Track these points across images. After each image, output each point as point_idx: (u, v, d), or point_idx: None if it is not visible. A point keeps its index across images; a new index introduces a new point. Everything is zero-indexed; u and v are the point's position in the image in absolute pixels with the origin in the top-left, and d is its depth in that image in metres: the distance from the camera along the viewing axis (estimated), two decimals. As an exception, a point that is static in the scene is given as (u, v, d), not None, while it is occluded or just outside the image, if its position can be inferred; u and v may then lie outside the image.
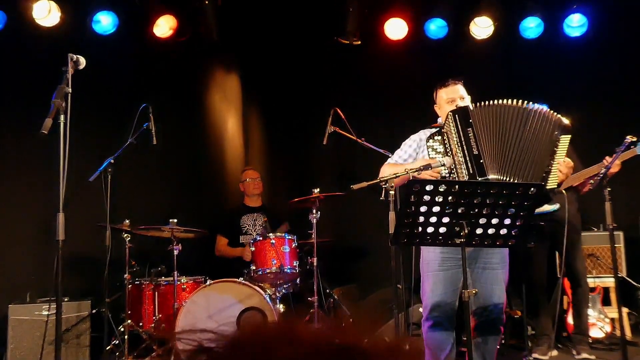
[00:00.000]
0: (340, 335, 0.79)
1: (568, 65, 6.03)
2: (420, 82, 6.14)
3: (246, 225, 5.44)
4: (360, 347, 0.76)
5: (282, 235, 4.77)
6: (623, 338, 3.54)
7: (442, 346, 3.23)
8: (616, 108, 5.92)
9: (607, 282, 5.32)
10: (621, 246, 5.44)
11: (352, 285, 5.90)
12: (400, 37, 6.10)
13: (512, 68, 6.10)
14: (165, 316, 4.55)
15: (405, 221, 2.70)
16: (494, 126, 3.18)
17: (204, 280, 4.65)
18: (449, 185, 2.65)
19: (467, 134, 3.13)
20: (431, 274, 3.27)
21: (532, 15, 5.94)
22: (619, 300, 3.67)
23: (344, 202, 5.59)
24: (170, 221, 4.48)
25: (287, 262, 4.69)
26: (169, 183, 5.96)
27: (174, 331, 0.83)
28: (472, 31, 6.00)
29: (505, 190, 2.66)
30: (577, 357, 4.57)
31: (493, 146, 3.15)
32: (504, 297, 3.23)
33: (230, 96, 6.32)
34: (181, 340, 0.79)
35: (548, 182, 3.09)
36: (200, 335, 0.78)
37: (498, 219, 2.71)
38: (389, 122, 6.28)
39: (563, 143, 3.13)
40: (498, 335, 3.30)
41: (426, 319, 3.29)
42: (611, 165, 3.67)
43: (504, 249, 3.15)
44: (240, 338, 0.79)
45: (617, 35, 5.88)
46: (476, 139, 3.13)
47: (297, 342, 0.75)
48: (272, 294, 4.55)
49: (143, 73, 5.84)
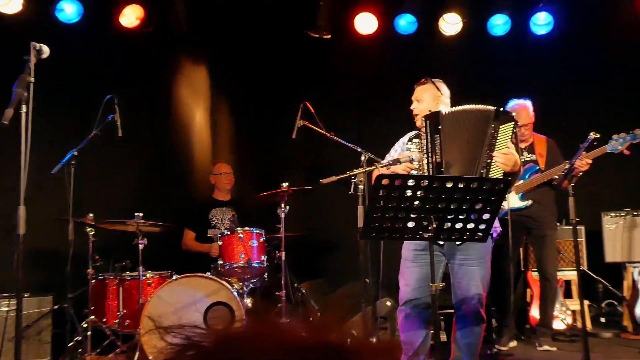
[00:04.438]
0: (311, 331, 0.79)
1: (535, 63, 6.13)
2: (390, 77, 6.19)
3: (215, 219, 5.39)
4: (333, 344, 0.76)
5: (250, 230, 4.74)
6: (584, 330, 3.62)
7: (414, 338, 3.28)
8: (581, 105, 6.04)
9: (569, 275, 5.45)
10: (582, 240, 5.57)
11: (320, 280, 5.91)
12: (370, 32, 6.11)
13: (480, 65, 6.17)
14: (130, 312, 4.48)
15: (374, 215, 2.70)
16: (457, 131, 3.22)
17: (170, 275, 4.59)
18: (418, 180, 2.66)
19: (434, 140, 3.19)
20: (407, 269, 3.34)
21: (499, 12, 6.02)
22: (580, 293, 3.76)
23: (313, 197, 5.59)
24: (136, 215, 4.41)
25: (255, 257, 4.67)
26: (135, 176, 5.86)
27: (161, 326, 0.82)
28: (441, 27, 6.06)
29: (472, 186, 2.68)
30: (539, 349, 4.68)
31: (454, 152, 3.20)
32: (481, 293, 3.26)
33: (199, 89, 6.24)
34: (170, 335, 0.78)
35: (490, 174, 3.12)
36: (189, 330, 0.77)
37: (465, 214, 2.74)
38: (358, 116, 6.30)
39: (503, 132, 3.16)
40: (479, 330, 3.33)
41: (400, 311, 3.35)
42: (575, 161, 3.74)
43: (482, 246, 3.17)
44: (231, 336, 0.78)
45: (581, 33, 6.00)
46: (441, 146, 3.18)
47: (276, 340, 0.74)
48: (240, 288, 4.53)
49: (109, 64, 5.73)
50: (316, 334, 0.77)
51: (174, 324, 0.80)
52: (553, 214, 4.82)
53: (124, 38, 5.71)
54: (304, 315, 4.83)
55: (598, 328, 5.43)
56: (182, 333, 0.77)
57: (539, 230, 4.74)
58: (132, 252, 4.50)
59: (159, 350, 0.81)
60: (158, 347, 0.82)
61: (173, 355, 0.76)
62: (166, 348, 0.77)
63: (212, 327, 0.81)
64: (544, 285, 4.81)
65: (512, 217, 4.65)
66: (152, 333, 0.81)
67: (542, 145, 4.76)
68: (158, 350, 0.85)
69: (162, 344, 0.79)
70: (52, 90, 5.15)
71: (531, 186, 4.60)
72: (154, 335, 0.82)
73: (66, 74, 5.41)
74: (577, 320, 5.16)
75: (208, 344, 0.76)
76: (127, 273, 4.63)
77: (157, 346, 0.85)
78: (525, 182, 4.61)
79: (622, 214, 5.52)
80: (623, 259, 5.48)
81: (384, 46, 6.22)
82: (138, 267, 4.41)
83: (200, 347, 0.76)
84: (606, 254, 5.55)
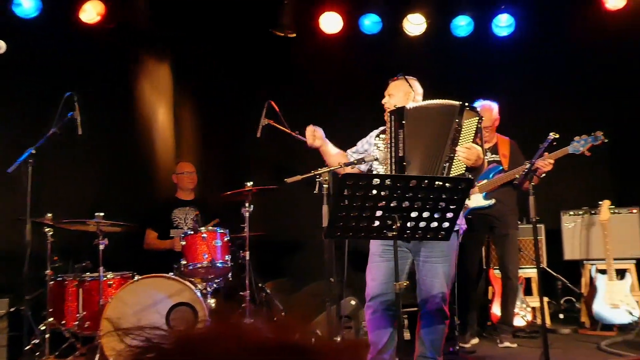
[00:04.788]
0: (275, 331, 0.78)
1: (497, 64, 6.23)
2: (355, 77, 6.22)
3: (177, 218, 5.32)
4: (297, 343, 0.76)
5: (213, 229, 4.69)
6: (544, 326, 3.69)
7: (380, 333, 3.30)
8: (542, 106, 6.17)
9: (529, 272, 5.55)
10: (542, 238, 5.68)
11: (285, 279, 5.89)
12: (335, 31, 6.12)
13: (444, 65, 6.23)
14: (90, 313, 4.38)
15: (338, 215, 2.70)
16: (421, 126, 3.25)
17: (132, 276, 4.51)
18: (382, 179, 2.67)
19: (398, 135, 3.21)
20: (373, 264, 3.35)
21: (462, 14, 6.09)
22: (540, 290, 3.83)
23: (278, 196, 5.56)
24: (96, 215, 4.32)
25: (219, 256, 4.63)
26: (95, 175, 5.74)
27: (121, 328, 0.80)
28: (405, 28, 6.10)
29: (435, 185, 2.71)
30: (500, 345, 4.76)
31: (417, 147, 3.22)
32: (445, 290, 3.29)
33: (161, 86, 6.15)
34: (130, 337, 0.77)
35: (452, 170, 3.15)
36: (149, 332, 0.76)
37: (429, 212, 2.76)
38: (323, 115, 6.28)
39: (467, 127, 3.19)
40: (442, 327, 3.36)
41: (367, 307, 3.36)
42: (535, 160, 3.80)
43: (447, 244, 3.19)
44: (191, 336, 0.77)
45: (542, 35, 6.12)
46: (404, 141, 3.19)
47: (238, 340, 0.74)
48: (203, 288, 4.48)
49: (68, 60, 5.59)
50: (279, 333, 0.77)
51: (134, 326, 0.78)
52: (515, 213, 4.90)
53: (85, 34, 5.58)
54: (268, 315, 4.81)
55: (557, 324, 5.56)
56: (141, 335, 0.75)
57: (501, 229, 4.82)
58: (93, 253, 4.41)
59: (118, 353, 0.80)
60: (117, 350, 0.81)
61: (132, 358, 0.75)
62: (125, 350, 0.75)
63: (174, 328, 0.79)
64: (505, 283, 4.88)
65: (475, 216, 4.73)
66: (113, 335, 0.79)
67: (505, 146, 4.84)
68: (117, 352, 0.83)
69: (122, 346, 0.77)
70: (9, 86, 5.02)
71: (495, 185, 4.68)
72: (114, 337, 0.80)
73: (24, 70, 5.26)
74: (537, 316, 5.26)
75: (168, 346, 0.75)
76: (87, 274, 4.53)
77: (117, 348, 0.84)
78: (489, 182, 4.68)
79: (580, 212, 5.65)
80: (581, 257, 5.61)
81: (349, 45, 6.23)
82: (98, 267, 4.32)
83: (160, 349, 0.75)
84: (565, 252, 5.68)
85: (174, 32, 5.94)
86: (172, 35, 5.96)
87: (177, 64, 6.15)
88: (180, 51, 6.07)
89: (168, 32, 5.92)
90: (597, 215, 5.42)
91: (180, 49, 6.06)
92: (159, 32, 5.84)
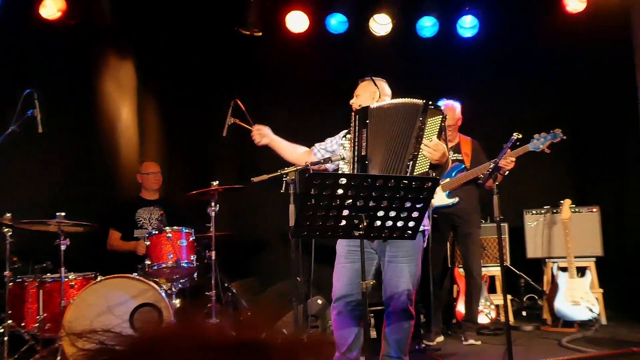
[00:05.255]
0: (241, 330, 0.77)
1: (461, 64, 6.30)
2: (322, 76, 6.22)
3: (141, 218, 5.24)
4: (261, 342, 0.75)
5: (179, 229, 4.64)
6: (507, 323, 3.75)
7: (346, 334, 3.31)
8: (505, 106, 6.27)
9: (493, 271, 5.64)
10: (506, 237, 5.77)
11: (251, 279, 5.86)
12: (302, 30, 6.11)
13: (409, 65, 6.28)
14: (50, 315, 4.29)
15: (305, 214, 2.70)
16: (384, 125, 3.26)
17: (95, 277, 4.43)
18: (349, 178, 2.67)
19: (361, 134, 3.22)
20: (339, 265, 3.36)
21: (427, 14, 6.15)
22: (504, 288, 3.88)
23: (244, 195, 5.53)
24: (58, 214, 4.22)
25: (184, 256, 4.57)
26: (57, 174, 5.61)
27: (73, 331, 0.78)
28: (371, 28, 6.13)
29: (402, 184, 2.72)
30: (464, 343, 4.81)
31: (379, 146, 3.23)
32: (410, 290, 3.31)
33: (125, 84, 6.04)
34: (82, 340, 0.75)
35: (416, 168, 3.17)
36: (101, 335, 0.75)
37: (395, 211, 2.77)
38: (290, 114, 6.28)
39: (431, 125, 3.22)
40: (407, 326, 3.38)
41: (333, 308, 3.36)
42: (499, 160, 3.85)
43: (412, 243, 3.21)
44: (144, 338, 0.76)
45: (506, 37, 6.22)
46: (367, 140, 3.21)
47: (199, 340, 0.73)
48: (168, 289, 4.42)
49: (28, 57, 5.46)
50: (240, 332, 0.76)
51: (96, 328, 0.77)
52: (477, 212, 4.97)
53: (45, 30, 5.45)
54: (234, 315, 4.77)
55: (520, 321, 5.66)
56: (94, 338, 0.74)
57: (464, 228, 4.88)
58: (54, 254, 4.31)
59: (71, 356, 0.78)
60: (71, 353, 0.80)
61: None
62: (78, 354, 0.74)
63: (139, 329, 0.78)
64: (468, 281, 4.94)
65: (439, 215, 4.78)
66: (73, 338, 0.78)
67: (467, 145, 4.90)
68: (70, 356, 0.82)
69: (73, 350, 0.76)
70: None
71: (457, 184, 4.73)
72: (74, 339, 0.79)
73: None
74: (501, 314, 5.34)
75: (122, 348, 0.74)
76: (48, 275, 4.43)
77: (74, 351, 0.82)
78: (452, 180, 4.73)
79: (542, 211, 5.76)
80: (543, 255, 5.72)
81: (315, 45, 6.23)
82: (60, 268, 4.23)
83: (114, 352, 0.73)
84: (528, 250, 5.78)
85: (138, 29, 5.85)
86: (136, 32, 5.87)
87: (141, 61, 6.06)
88: (144, 49, 5.97)
89: (132, 29, 5.82)
90: (558, 214, 5.53)
91: (145, 46, 5.96)
92: (122, 29, 5.73)
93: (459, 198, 4.74)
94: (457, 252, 5.40)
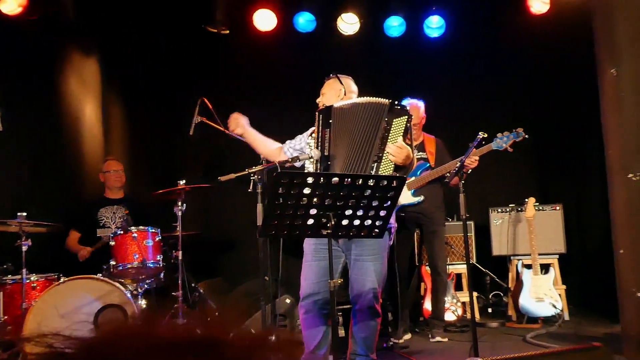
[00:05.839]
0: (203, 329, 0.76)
1: (428, 64, 6.36)
2: (290, 74, 6.21)
3: (104, 217, 5.14)
4: (221, 340, 0.74)
5: (145, 229, 4.57)
6: (473, 320, 3.79)
7: (313, 332, 3.31)
8: (472, 106, 6.35)
9: (460, 268, 5.70)
10: (472, 235, 5.84)
11: (219, 279, 5.82)
12: (269, 28, 6.09)
13: (377, 64, 6.31)
14: (12, 318, 4.18)
15: (273, 213, 2.68)
16: (348, 125, 3.27)
17: (58, 278, 4.33)
18: (317, 177, 2.67)
19: (324, 134, 3.22)
20: (306, 264, 3.36)
21: (395, 14, 6.19)
22: (470, 286, 3.93)
23: (211, 194, 5.48)
24: (19, 214, 4.12)
25: (150, 256, 4.51)
26: (18, 173, 5.46)
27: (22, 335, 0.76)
28: (339, 27, 6.14)
29: (369, 183, 2.73)
30: (432, 340, 4.86)
31: (343, 145, 3.24)
32: (377, 288, 3.32)
33: (88, 81, 5.92)
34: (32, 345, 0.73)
35: (380, 169, 3.19)
36: (52, 339, 0.73)
37: (363, 210, 2.78)
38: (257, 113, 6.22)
39: (396, 125, 3.24)
40: (374, 324, 3.39)
41: (301, 307, 3.36)
42: (465, 159, 3.90)
43: (378, 242, 3.22)
44: (95, 340, 0.74)
45: (472, 37, 6.30)
46: (330, 140, 3.21)
47: (154, 340, 0.71)
48: (134, 289, 4.36)
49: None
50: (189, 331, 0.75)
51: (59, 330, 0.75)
52: (442, 210, 5.01)
53: (5, 26, 5.30)
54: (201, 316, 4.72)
55: (486, 318, 5.73)
56: (43, 341, 0.72)
57: (429, 226, 4.92)
58: (15, 255, 4.20)
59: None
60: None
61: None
62: (25, 359, 0.73)
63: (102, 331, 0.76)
64: (434, 279, 4.99)
65: (405, 213, 4.81)
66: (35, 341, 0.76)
67: (431, 144, 4.94)
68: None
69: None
70: None
71: (422, 183, 4.77)
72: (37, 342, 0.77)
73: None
74: (467, 311, 5.41)
75: (70, 351, 0.72)
76: (9, 277, 4.32)
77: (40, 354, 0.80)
78: (417, 179, 4.77)
79: (507, 209, 5.85)
80: (508, 252, 5.80)
81: (283, 43, 6.21)
82: (21, 270, 4.12)
83: (63, 355, 0.72)
84: (493, 248, 5.86)
85: (102, 25, 5.74)
86: (100, 28, 5.75)
87: (105, 58, 5.94)
88: (108, 45, 5.87)
89: (95, 25, 5.71)
90: (523, 212, 5.62)
91: (109, 42, 5.85)
92: (86, 25, 5.62)
93: (424, 196, 4.77)
94: (423, 250, 5.44)
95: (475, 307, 5.42)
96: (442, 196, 4.95)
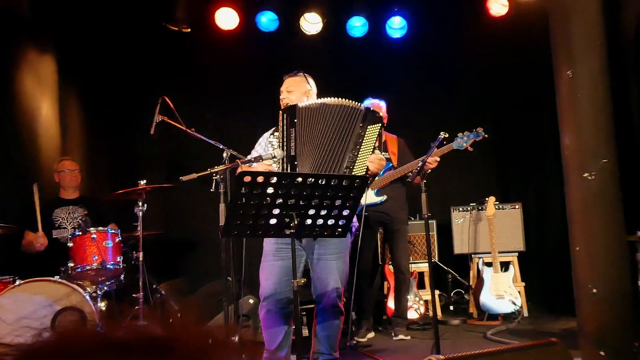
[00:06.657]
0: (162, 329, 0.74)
1: (390, 64, 6.41)
2: (252, 74, 6.17)
3: (59, 218, 5.01)
4: (176, 339, 0.72)
5: (104, 230, 4.48)
6: (435, 318, 3.84)
7: (274, 332, 3.30)
8: (433, 105, 6.42)
9: (422, 267, 5.76)
10: (434, 233, 5.91)
11: (180, 279, 5.74)
12: (231, 27, 6.05)
13: (339, 64, 6.33)
14: (-36, 323, 4.04)
15: (236, 213, 2.66)
16: (315, 125, 3.26)
17: (13, 280, 4.21)
18: (280, 177, 2.65)
19: (289, 133, 3.21)
20: (267, 264, 3.34)
21: (357, 14, 6.22)
22: (432, 284, 3.97)
23: (173, 194, 5.41)
24: (-29, 216, 3.99)
25: (110, 258, 4.42)
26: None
27: None
28: (302, 26, 6.14)
29: (332, 182, 2.73)
30: (394, 338, 4.89)
31: (310, 146, 3.24)
32: (339, 286, 3.32)
33: (45, 79, 5.76)
34: None
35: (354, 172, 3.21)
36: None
37: (326, 210, 2.78)
38: (220, 112, 6.20)
39: (371, 133, 3.26)
40: (337, 322, 3.40)
41: (262, 307, 3.34)
42: (426, 159, 3.93)
43: (340, 241, 3.22)
44: (34, 345, 0.71)
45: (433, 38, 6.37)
46: (296, 139, 3.20)
47: (102, 340, 0.69)
48: (93, 292, 4.27)
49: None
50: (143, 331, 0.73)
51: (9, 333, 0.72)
52: (404, 209, 5.05)
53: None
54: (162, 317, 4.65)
55: (447, 316, 5.81)
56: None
57: (392, 225, 4.95)
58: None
59: None
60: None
61: None
62: None
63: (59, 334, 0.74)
64: (397, 277, 5.03)
65: (368, 213, 4.83)
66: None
67: (393, 144, 4.97)
68: None
69: None
70: None
71: (386, 182, 4.80)
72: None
73: None
74: (430, 309, 5.47)
75: (11, 358, 0.69)
76: (-39, 280, 4.18)
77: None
78: (380, 179, 4.79)
79: (468, 208, 5.94)
80: (470, 251, 5.89)
81: (245, 42, 6.18)
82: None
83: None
84: (455, 246, 5.94)
85: (59, 21, 5.59)
86: (56, 24, 5.61)
87: (62, 55, 5.79)
88: (66, 42, 5.72)
89: (51, 21, 5.56)
90: (483, 210, 5.71)
91: (66, 39, 5.71)
92: (42, 21, 5.47)
93: (387, 196, 4.80)
94: (387, 250, 5.48)
95: (437, 305, 5.49)
96: (405, 195, 4.99)
